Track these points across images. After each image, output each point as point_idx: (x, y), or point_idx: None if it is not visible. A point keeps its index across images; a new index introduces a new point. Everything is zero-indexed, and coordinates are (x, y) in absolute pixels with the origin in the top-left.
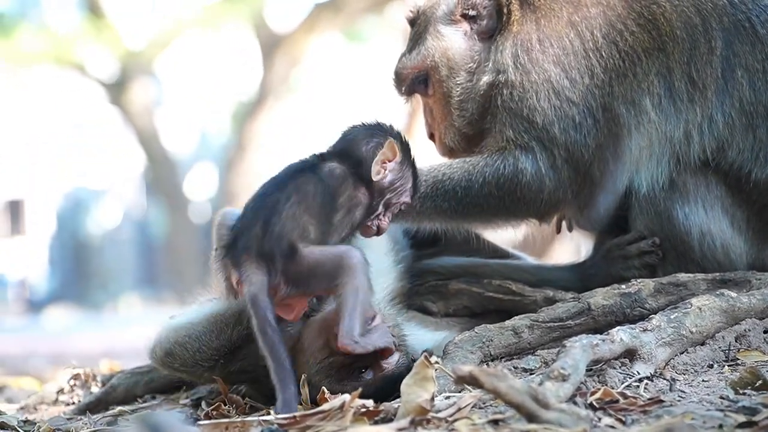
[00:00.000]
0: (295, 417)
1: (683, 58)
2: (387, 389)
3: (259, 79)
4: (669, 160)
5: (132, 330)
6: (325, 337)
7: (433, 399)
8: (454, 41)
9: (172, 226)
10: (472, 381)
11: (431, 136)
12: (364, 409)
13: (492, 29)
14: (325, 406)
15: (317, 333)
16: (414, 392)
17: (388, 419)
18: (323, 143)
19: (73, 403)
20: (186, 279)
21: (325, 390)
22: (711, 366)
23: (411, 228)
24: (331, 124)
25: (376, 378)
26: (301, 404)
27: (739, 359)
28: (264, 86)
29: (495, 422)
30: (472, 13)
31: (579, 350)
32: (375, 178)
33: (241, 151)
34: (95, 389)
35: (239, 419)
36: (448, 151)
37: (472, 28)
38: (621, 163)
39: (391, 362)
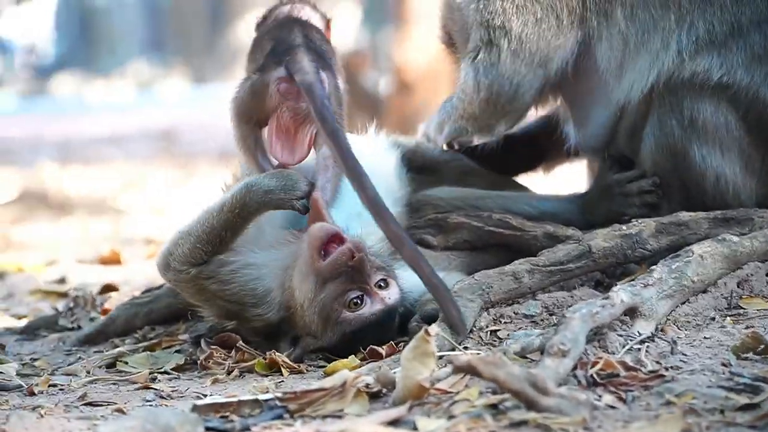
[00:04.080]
0: (296, 393)
1: None
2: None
3: None
4: (652, 71)
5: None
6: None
7: (432, 375)
8: None
9: None
10: (471, 370)
11: None
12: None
13: None
14: (326, 383)
15: (303, 277)
16: (414, 368)
17: (386, 396)
18: None
19: (72, 329)
20: (194, 44)
21: None
22: (713, 318)
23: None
24: None
25: (377, 312)
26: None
27: (741, 307)
28: None
29: (494, 406)
30: None
31: (578, 321)
32: None
33: None
34: (94, 314)
35: (235, 400)
36: None
37: None
38: (598, 73)
39: (392, 295)
